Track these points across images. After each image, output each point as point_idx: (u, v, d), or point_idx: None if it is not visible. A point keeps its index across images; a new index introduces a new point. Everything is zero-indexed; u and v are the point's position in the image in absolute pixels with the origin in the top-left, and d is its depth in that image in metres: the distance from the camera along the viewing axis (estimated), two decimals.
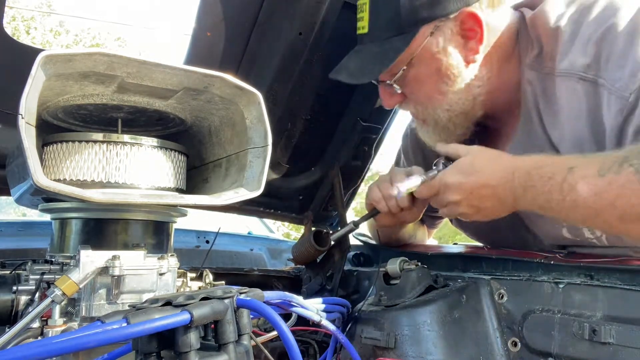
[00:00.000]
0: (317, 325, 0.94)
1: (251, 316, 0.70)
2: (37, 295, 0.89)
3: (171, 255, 0.97)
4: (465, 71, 1.18)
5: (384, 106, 1.32)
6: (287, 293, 0.87)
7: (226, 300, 0.65)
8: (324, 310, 0.98)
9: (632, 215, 0.90)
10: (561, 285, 0.94)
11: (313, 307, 0.92)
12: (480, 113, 1.24)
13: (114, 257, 0.87)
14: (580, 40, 1.06)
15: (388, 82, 1.21)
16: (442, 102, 1.20)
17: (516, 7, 1.27)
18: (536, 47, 1.15)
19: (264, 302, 0.72)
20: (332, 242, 1.46)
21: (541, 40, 1.14)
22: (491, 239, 1.35)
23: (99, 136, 0.95)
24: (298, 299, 0.89)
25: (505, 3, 1.20)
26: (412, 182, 1.14)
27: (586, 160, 0.97)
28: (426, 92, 1.21)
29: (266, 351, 0.82)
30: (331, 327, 0.93)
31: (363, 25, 1.20)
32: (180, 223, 1.10)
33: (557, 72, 1.08)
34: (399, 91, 1.23)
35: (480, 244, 1.42)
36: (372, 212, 1.29)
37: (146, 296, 0.89)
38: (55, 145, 0.95)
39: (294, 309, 0.89)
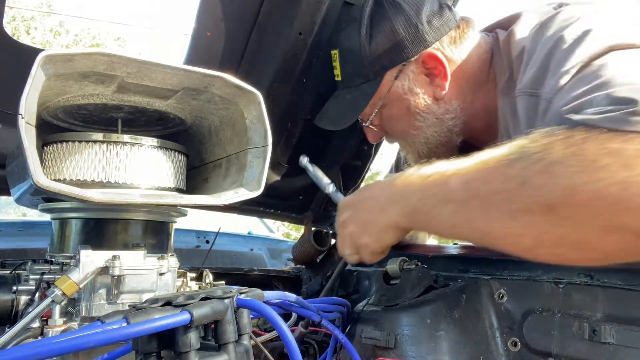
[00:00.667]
0: (317, 325, 0.94)
1: (251, 316, 0.70)
2: (37, 295, 0.89)
3: (171, 255, 0.97)
4: (434, 107, 1.25)
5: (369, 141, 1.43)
6: (287, 293, 0.87)
7: (226, 300, 0.65)
8: (324, 310, 0.98)
9: (494, 206, 0.81)
10: (561, 285, 0.94)
11: (313, 307, 0.92)
12: (459, 140, 1.29)
13: (114, 257, 0.87)
14: (535, 57, 1.05)
15: (365, 123, 1.32)
16: (419, 137, 1.28)
17: (490, 30, 1.29)
18: (507, 71, 1.16)
19: (264, 302, 0.72)
20: (332, 243, 1.46)
21: (511, 64, 1.14)
22: None
23: (99, 136, 0.95)
24: (298, 298, 0.89)
25: (469, 37, 1.24)
26: None
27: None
28: (402, 129, 1.30)
29: (266, 351, 0.82)
30: (331, 327, 0.93)
31: (337, 73, 1.31)
32: (180, 223, 1.10)
33: (517, 92, 1.07)
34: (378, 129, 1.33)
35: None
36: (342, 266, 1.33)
37: (146, 296, 0.89)
38: (55, 145, 0.95)
39: (293, 308, 0.89)
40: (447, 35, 1.22)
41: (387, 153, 2.07)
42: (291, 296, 0.87)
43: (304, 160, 1.44)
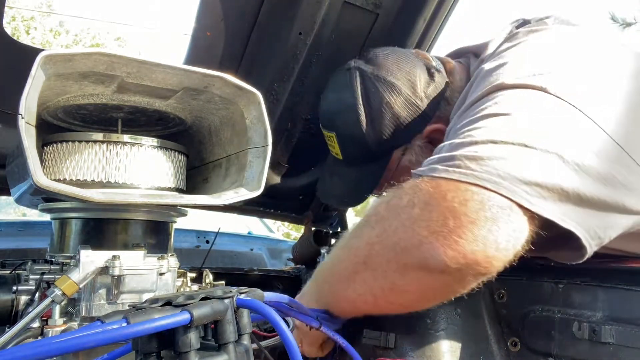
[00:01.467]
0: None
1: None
2: (37, 295, 0.89)
3: (171, 255, 0.97)
4: None
5: None
6: (285, 296, 0.86)
7: (226, 300, 0.65)
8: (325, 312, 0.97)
9: (337, 277, 0.92)
10: (561, 286, 0.94)
11: (312, 313, 0.91)
12: None
13: (114, 257, 0.87)
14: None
15: (375, 196, 1.31)
16: None
17: (461, 54, 1.27)
18: None
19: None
20: (332, 242, 1.46)
21: None
22: None
23: (99, 136, 0.94)
24: (296, 303, 0.88)
25: (457, 83, 1.21)
26: None
27: None
28: None
29: (266, 351, 0.82)
30: (331, 333, 0.93)
31: (336, 152, 1.29)
32: (180, 223, 1.10)
33: None
34: None
35: None
36: None
37: (146, 296, 0.89)
38: (55, 145, 0.95)
39: (292, 313, 0.88)
40: (443, 99, 1.20)
41: None
42: (290, 300, 0.87)
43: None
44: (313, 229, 1.74)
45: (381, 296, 0.86)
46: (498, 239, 0.76)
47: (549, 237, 0.82)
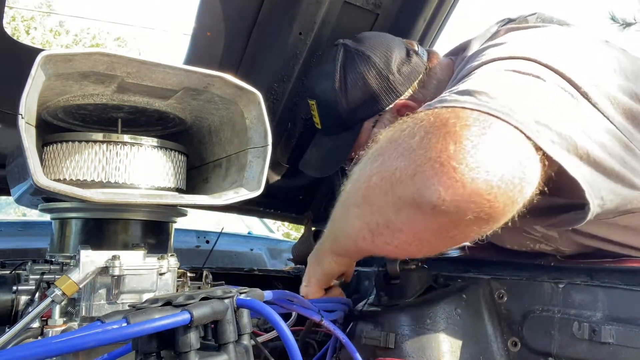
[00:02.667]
0: (318, 325, 0.94)
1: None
2: (37, 295, 0.89)
3: (171, 255, 0.97)
4: None
5: None
6: (287, 292, 0.87)
7: (226, 300, 0.65)
8: (326, 310, 0.98)
9: (345, 207, 0.86)
10: (561, 285, 0.94)
11: (314, 307, 0.92)
12: None
13: (114, 257, 0.87)
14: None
15: (348, 168, 1.32)
16: None
17: (455, 53, 1.28)
18: None
19: (265, 301, 0.72)
20: None
21: None
22: None
23: (99, 136, 0.95)
24: (299, 297, 0.89)
25: (438, 74, 1.26)
26: None
27: None
28: None
29: (266, 351, 0.82)
30: (332, 327, 0.93)
31: (317, 121, 1.35)
32: (180, 223, 1.10)
33: None
34: None
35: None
36: None
37: (146, 296, 0.89)
38: (55, 145, 0.95)
39: (294, 307, 0.89)
40: (418, 80, 1.25)
41: None
42: (292, 295, 0.87)
43: None
44: (313, 229, 1.75)
45: (377, 234, 0.80)
46: (503, 167, 0.68)
47: (553, 188, 0.76)
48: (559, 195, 0.82)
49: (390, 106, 1.25)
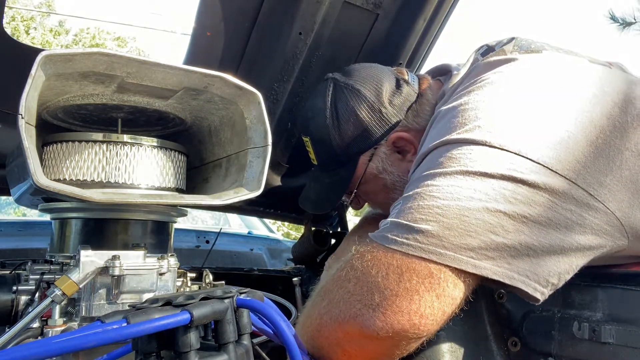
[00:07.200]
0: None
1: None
2: (37, 295, 0.89)
3: (171, 255, 0.97)
4: None
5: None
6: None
7: (226, 300, 0.65)
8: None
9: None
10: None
11: (304, 346, 0.86)
12: None
13: (114, 257, 0.87)
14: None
15: (347, 202, 1.38)
16: None
17: (444, 70, 1.28)
18: None
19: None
20: (332, 242, 1.46)
21: None
22: None
23: (99, 136, 0.94)
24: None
25: (430, 100, 1.23)
26: None
27: None
28: (381, 201, 1.33)
29: (263, 353, 0.82)
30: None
31: (312, 157, 1.35)
32: (180, 223, 1.10)
33: None
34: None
35: None
36: None
37: (146, 296, 0.89)
38: (55, 145, 0.95)
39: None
40: (410, 110, 1.23)
41: None
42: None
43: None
44: (313, 228, 1.75)
45: (340, 357, 0.91)
46: (420, 307, 0.81)
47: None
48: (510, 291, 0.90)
49: (385, 140, 1.24)
